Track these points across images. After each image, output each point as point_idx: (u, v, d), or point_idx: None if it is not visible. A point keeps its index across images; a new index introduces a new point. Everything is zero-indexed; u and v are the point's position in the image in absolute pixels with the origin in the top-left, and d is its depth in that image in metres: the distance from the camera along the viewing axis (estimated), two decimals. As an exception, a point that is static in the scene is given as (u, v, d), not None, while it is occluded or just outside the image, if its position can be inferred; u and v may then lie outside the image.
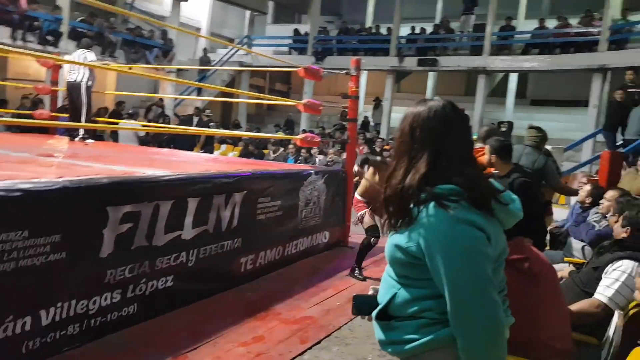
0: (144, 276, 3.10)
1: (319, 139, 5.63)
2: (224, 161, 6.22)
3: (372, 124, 16.32)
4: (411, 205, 1.26)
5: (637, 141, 7.18)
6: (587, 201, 4.34)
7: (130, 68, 8.53)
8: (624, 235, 2.64)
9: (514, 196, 1.41)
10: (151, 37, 14.87)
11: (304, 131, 14.66)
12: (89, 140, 6.68)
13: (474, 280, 1.17)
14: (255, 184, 4.13)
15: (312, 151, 10.46)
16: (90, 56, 6.61)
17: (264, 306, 3.59)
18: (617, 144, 8.24)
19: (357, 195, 4.60)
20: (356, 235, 5.50)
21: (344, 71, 5.82)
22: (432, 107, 1.38)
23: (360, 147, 12.31)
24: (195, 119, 10.97)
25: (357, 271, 4.46)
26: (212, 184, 3.67)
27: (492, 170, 3.55)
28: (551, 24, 14.32)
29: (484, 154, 3.66)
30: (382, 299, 1.34)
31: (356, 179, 5.12)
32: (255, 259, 4.15)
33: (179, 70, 14.54)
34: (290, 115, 16.89)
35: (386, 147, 12.02)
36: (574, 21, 13.90)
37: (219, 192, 3.73)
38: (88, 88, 6.56)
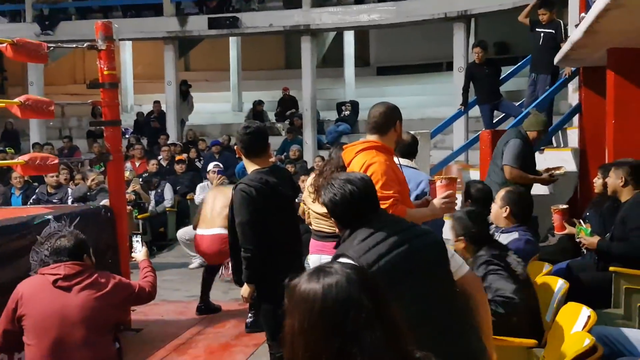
0: None
1: (55, 162, 5.27)
2: None
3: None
4: None
5: (523, 113, 7.99)
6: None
7: None
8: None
9: None
10: None
11: (38, 146, 13.72)
12: None
13: None
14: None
15: (58, 177, 9.75)
16: None
17: None
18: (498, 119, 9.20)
19: None
20: (144, 309, 5.49)
21: (86, 44, 5.60)
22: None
23: (136, 162, 11.88)
24: None
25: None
26: None
27: None
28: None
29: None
30: None
31: None
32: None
33: None
34: (11, 121, 15.78)
35: (180, 157, 11.79)
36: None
37: None
38: None
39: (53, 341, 3.40)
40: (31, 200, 9.23)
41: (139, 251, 4.32)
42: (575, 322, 3.05)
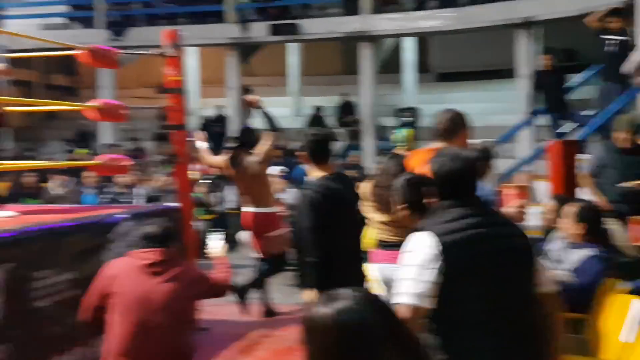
0: None
1: (128, 163, 5.41)
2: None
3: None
4: None
5: (595, 122, 7.77)
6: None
7: None
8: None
9: None
10: None
11: (109, 147, 14.03)
12: None
13: None
14: (26, 249, 4.01)
15: (128, 178, 10.01)
16: None
17: None
18: (562, 129, 9.01)
19: None
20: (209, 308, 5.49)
21: (155, 51, 5.77)
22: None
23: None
24: None
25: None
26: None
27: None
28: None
29: None
30: None
31: None
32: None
33: None
34: (83, 123, 16.17)
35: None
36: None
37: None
38: None
39: (136, 324, 3.45)
40: (102, 199, 9.53)
41: (218, 248, 4.37)
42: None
